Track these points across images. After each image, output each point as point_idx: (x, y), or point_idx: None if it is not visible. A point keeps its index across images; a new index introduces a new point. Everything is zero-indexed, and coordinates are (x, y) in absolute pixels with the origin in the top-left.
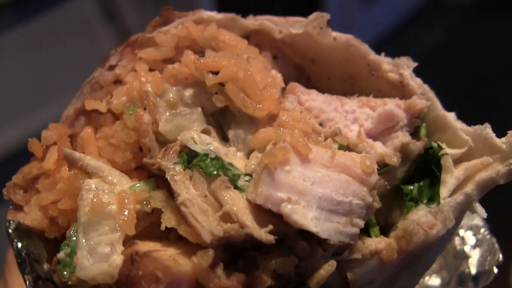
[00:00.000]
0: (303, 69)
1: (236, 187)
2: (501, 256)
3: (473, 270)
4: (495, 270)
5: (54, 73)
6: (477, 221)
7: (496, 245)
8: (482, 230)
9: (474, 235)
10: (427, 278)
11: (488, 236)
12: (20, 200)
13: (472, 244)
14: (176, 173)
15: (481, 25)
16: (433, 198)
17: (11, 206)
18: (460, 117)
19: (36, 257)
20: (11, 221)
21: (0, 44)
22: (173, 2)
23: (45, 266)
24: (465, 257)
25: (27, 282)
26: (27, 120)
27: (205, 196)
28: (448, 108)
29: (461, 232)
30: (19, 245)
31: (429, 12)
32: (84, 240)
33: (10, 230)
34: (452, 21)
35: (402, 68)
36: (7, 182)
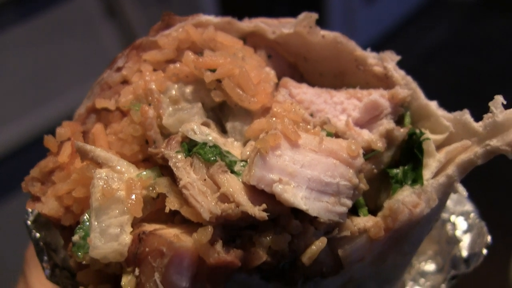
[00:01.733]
0: (297, 66)
1: (232, 172)
2: (489, 238)
3: (464, 253)
4: (484, 251)
5: (57, 70)
6: (468, 207)
7: (485, 228)
8: (472, 215)
9: (465, 220)
10: (423, 264)
11: (477, 221)
12: (38, 192)
13: (464, 229)
14: (178, 161)
15: (484, 23)
16: (417, 180)
17: (29, 198)
18: None
19: (53, 247)
20: (30, 213)
21: (4, 42)
22: (176, 1)
23: (61, 255)
24: (456, 241)
25: (45, 270)
26: (31, 116)
27: (204, 179)
28: (451, 106)
29: (453, 218)
30: (37, 235)
31: (432, 10)
32: (96, 223)
33: (29, 222)
34: (455, 20)
35: (386, 62)
36: (25, 176)
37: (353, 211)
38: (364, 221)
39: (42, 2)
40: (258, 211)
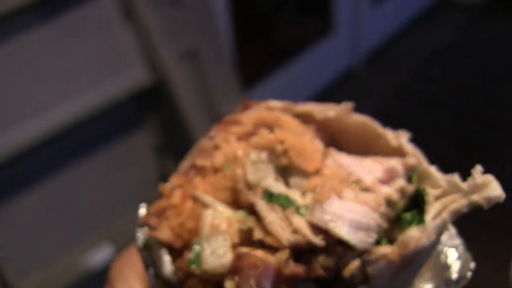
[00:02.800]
0: (335, 138)
1: (299, 213)
2: (473, 264)
3: (454, 276)
4: (469, 274)
5: (75, 69)
6: (457, 241)
7: (470, 257)
8: (460, 247)
9: (455, 251)
10: (422, 284)
11: (464, 251)
12: (155, 223)
13: (454, 257)
14: (262, 205)
15: (489, 25)
16: (421, 221)
17: (149, 228)
18: (470, 116)
19: (154, 263)
20: (138, 239)
21: (24, 42)
22: (189, 3)
23: (155, 270)
24: (448, 267)
25: (152, 279)
26: (49, 114)
27: (281, 218)
28: (456, 106)
29: (445, 249)
30: (145, 254)
31: (438, 12)
32: (207, 245)
33: (139, 244)
34: (461, 21)
35: (401, 137)
36: (144, 215)
37: (377, 242)
38: (384, 249)
39: (61, 4)
40: (318, 240)
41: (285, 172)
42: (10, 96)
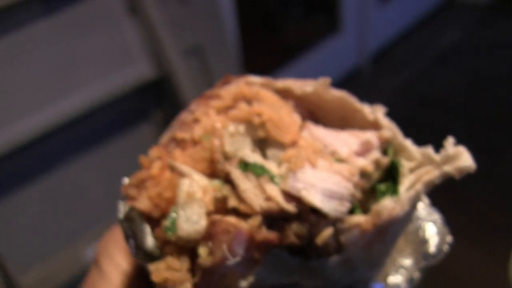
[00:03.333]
0: (314, 113)
1: (273, 182)
2: (450, 238)
3: (432, 250)
4: (446, 248)
5: (80, 63)
6: (436, 216)
7: (447, 231)
8: (438, 222)
9: (434, 226)
10: (403, 259)
11: (442, 226)
12: (134, 194)
13: (432, 232)
14: (237, 174)
15: (497, 26)
16: (395, 192)
17: (126, 199)
18: (476, 117)
19: (135, 235)
20: (120, 211)
21: (30, 36)
22: (194, 0)
23: (138, 241)
24: (427, 241)
25: (132, 250)
26: (53, 107)
27: (255, 187)
28: (461, 107)
29: (424, 224)
30: (126, 225)
31: (445, 12)
32: (183, 213)
33: (120, 216)
34: (468, 22)
35: (377, 112)
36: (124, 186)
37: (351, 211)
38: (358, 218)
39: None
40: (290, 207)
41: (263, 144)
42: (16, 89)
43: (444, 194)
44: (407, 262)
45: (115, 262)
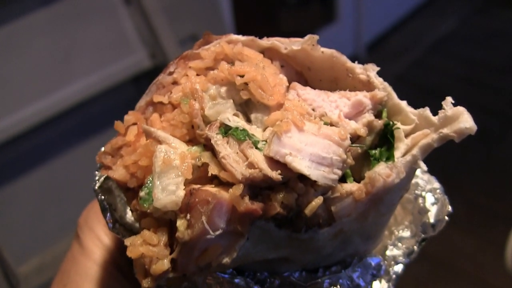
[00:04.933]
0: (303, 74)
1: (257, 148)
2: (450, 208)
3: (432, 220)
4: (446, 218)
5: (77, 53)
6: (435, 185)
7: (447, 201)
8: (438, 191)
9: (433, 195)
10: (400, 231)
11: (441, 195)
12: (109, 162)
13: (431, 202)
14: (218, 139)
15: (491, 15)
16: (390, 158)
17: (102, 168)
18: (471, 105)
19: (114, 207)
20: (96, 181)
21: (25, 26)
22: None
23: (118, 214)
24: (426, 211)
25: (109, 224)
26: (51, 97)
27: (237, 153)
28: (459, 95)
29: (423, 193)
30: (102, 197)
31: (440, 1)
32: (158, 182)
33: (96, 187)
34: (462, 11)
35: (369, 71)
36: (98, 154)
37: (343, 180)
38: (350, 186)
39: None
40: (275, 174)
41: (247, 107)
42: (14, 79)
43: (440, 182)
44: (406, 234)
45: (95, 235)
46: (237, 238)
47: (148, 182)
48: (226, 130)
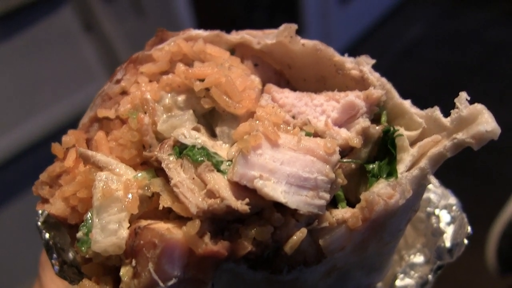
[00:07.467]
0: (283, 73)
1: (219, 171)
2: (469, 228)
3: (448, 244)
4: (466, 241)
5: (40, 84)
6: (451, 200)
7: (466, 219)
8: (454, 207)
9: (448, 213)
10: (412, 256)
11: (459, 213)
12: (47, 194)
13: (447, 221)
14: (169, 162)
15: (459, 17)
16: (392, 173)
17: (39, 200)
18: (442, 108)
19: (62, 246)
20: (40, 215)
21: None
22: (152, 13)
23: (70, 254)
24: (441, 233)
25: (54, 267)
26: (15, 130)
27: (193, 178)
28: (430, 101)
29: (437, 211)
30: (47, 235)
31: (407, 7)
32: (97, 220)
33: (39, 223)
34: (429, 15)
35: (362, 65)
36: (35, 184)
37: (334, 204)
38: (343, 212)
39: (21, 20)
40: (240, 205)
41: (212, 119)
42: None
43: None
44: (418, 260)
45: (55, 275)
46: (199, 287)
47: (88, 218)
48: (181, 149)
